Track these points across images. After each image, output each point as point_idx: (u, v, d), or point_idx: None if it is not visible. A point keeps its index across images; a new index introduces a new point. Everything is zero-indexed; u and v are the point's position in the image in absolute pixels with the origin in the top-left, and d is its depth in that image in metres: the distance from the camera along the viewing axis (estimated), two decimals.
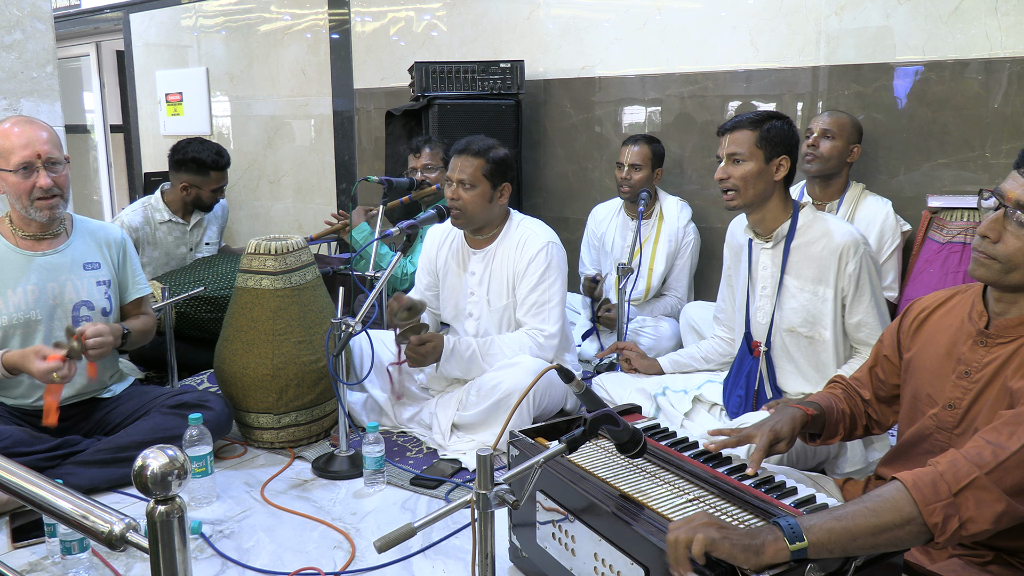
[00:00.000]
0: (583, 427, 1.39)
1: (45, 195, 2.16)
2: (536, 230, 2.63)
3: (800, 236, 2.17)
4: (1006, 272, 1.39)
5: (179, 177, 3.47)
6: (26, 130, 2.14)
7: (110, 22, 6.29)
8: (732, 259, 2.43)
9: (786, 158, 2.14)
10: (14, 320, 2.18)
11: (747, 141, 2.13)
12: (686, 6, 3.57)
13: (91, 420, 2.34)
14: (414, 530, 1.22)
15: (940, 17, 2.96)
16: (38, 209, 2.18)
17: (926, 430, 1.55)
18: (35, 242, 2.25)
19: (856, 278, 2.10)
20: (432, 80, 3.74)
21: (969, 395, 1.47)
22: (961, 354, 1.50)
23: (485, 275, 2.65)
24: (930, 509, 1.21)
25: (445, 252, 2.76)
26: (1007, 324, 1.43)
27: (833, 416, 1.73)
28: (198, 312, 3.10)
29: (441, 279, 2.79)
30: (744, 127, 2.14)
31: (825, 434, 1.75)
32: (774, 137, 2.12)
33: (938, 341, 1.57)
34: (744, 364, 2.31)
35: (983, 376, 1.45)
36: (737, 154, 2.13)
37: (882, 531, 1.21)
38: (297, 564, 1.85)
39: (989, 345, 1.46)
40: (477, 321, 2.69)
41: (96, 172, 7.23)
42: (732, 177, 2.14)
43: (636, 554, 1.33)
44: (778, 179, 2.15)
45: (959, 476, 1.23)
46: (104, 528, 1.00)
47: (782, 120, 2.16)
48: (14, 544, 1.93)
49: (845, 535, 1.20)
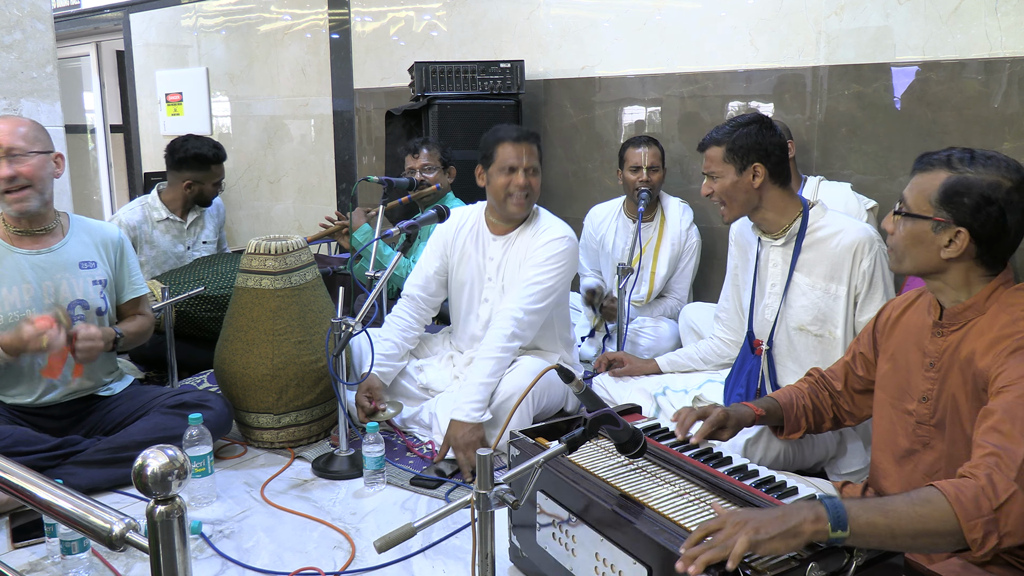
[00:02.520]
0: (583, 427, 1.39)
1: (11, 187, 2.15)
2: (557, 225, 2.65)
3: (812, 233, 2.17)
4: (899, 261, 1.57)
5: (181, 176, 3.47)
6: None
7: (110, 22, 6.29)
8: (740, 257, 2.42)
9: (759, 164, 2.13)
10: (8, 318, 2.18)
11: (717, 157, 2.18)
12: (686, 6, 3.57)
13: (91, 419, 2.34)
14: (414, 530, 1.22)
15: (940, 17, 2.96)
16: (7, 203, 2.17)
17: (908, 427, 1.60)
18: (31, 240, 2.25)
19: (870, 275, 2.10)
20: (432, 80, 3.74)
21: (937, 385, 1.54)
22: (925, 347, 1.58)
23: (503, 261, 2.65)
24: (971, 524, 1.22)
25: (464, 236, 2.74)
26: (955, 311, 1.53)
27: (792, 411, 1.85)
28: (198, 311, 3.10)
29: (455, 263, 2.76)
30: (713, 143, 2.19)
31: (786, 428, 1.86)
32: (742, 147, 2.13)
33: (910, 336, 1.64)
34: (746, 362, 2.30)
35: (943, 364, 1.53)
36: (712, 171, 2.19)
37: (923, 536, 1.22)
38: (297, 564, 1.85)
39: (944, 334, 1.54)
40: (491, 306, 2.67)
41: (96, 172, 7.23)
42: (714, 192, 2.20)
43: (639, 553, 1.33)
44: (756, 186, 2.15)
45: (1000, 492, 1.24)
46: (104, 528, 1.00)
47: (752, 125, 2.15)
48: (14, 544, 1.93)
49: (887, 532, 1.21)
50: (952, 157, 1.48)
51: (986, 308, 1.49)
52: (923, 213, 1.49)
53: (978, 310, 1.50)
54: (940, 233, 1.48)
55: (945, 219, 1.47)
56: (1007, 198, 1.43)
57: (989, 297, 1.49)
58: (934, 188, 1.48)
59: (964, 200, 1.44)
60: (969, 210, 1.44)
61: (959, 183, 1.45)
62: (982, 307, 1.49)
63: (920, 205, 1.50)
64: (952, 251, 1.47)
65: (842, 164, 3.25)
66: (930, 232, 1.49)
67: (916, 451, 1.59)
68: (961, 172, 1.46)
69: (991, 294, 1.49)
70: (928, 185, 1.49)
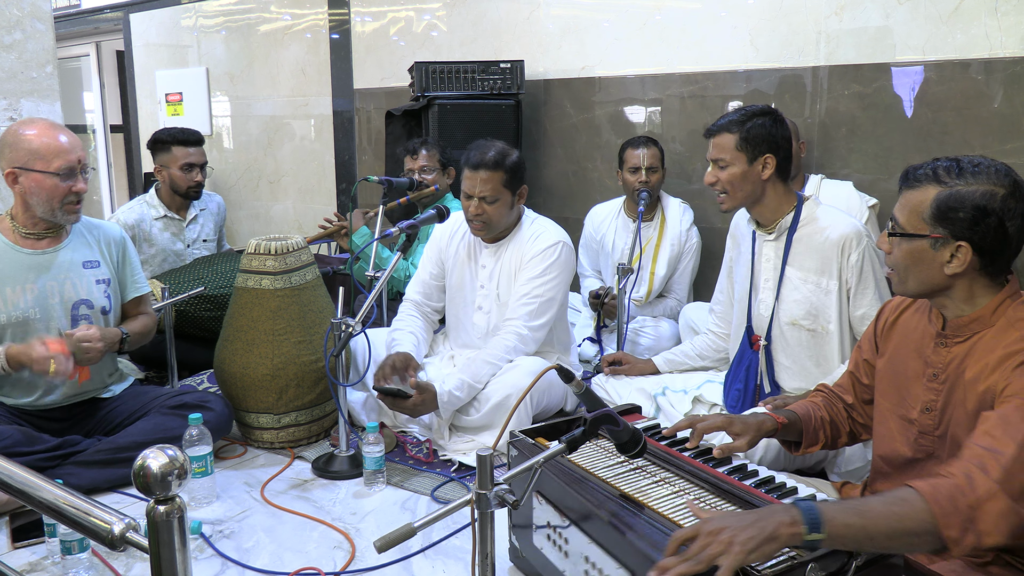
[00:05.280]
0: (583, 427, 1.38)
1: (77, 199, 2.21)
2: (549, 228, 2.64)
3: (803, 227, 2.17)
4: (902, 282, 1.51)
5: (154, 167, 3.51)
6: (66, 135, 2.20)
7: (110, 22, 6.29)
8: (735, 249, 2.43)
9: (771, 156, 2.13)
10: (12, 318, 2.18)
11: (729, 145, 2.14)
12: (686, 6, 3.57)
13: (91, 420, 2.34)
14: (414, 530, 1.22)
15: (940, 17, 2.96)
16: (67, 212, 2.22)
17: (910, 435, 1.56)
18: (35, 240, 2.25)
19: (859, 269, 2.10)
20: (432, 80, 3.74)
21: (941, 396, 1.50)
22: (927, 356, 1.54)
23: (496, 268, 2.65)
24: (947, 522, 1.21)
25: (457, 243, 2.75)
26: (960, 324, 1.48)
27: (811, 424, 1.75)
28: (198, 310, 3.10)
29: (449, 270, 2.78)
30: (725, 130, 2.15)
31: (805, 442, 1.76)
32: (755, 137, 2.12)
33: (909, 341, 1.60)
34: (744, 358, 2.31)
35: (948, 376, 1.49)
36: (721, 159, 2.15)
37: (900, 535, 1.21)
38: (297, 564, 1.85)
39: (948, 345, 1.50)
40: (487, 315, 2.68)
41: (96, 172, 7.23)
42: (719, 181, 2.16)
43: (624, 558, 1.32)
44: (765, 178, 2.14)
45: (977, 490, 1.23)
46: (104, 528, 1.00)
47: (766, 116, 2.14)
48: (14, 544, 1.93)
49: (863, 533, 1.20)
50: (938, 170, 1.44)
51: (993, 321, 1.44)
52: (918, 231, 1.45)
53: (984, 323, 1.45)
54: (940, 250, 1.43)
55: (943, 235, 1.42)
56: (1004, 206, 1.39)
57: (996, 310, 1.45)
58: (926, 205, 1.43)
59: (959, 214, 1.40)
60: (967, 223, 1.40)
61: (951, 197, 1.41)
62: (988, 320, 1.45)
63: (914, 223, 1.46)
64: (956, 266, 1.42)
65: (842, 164, 3.25)
66: (929, 250, 1.44)
67: (919, 460, 1.56)
68: (951, 186, 1.41)
69: (998, 307, 1.45)
70: (918, 202, 1.45)
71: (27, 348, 2.08)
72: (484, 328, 2.69)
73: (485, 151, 2.53)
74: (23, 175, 2.15)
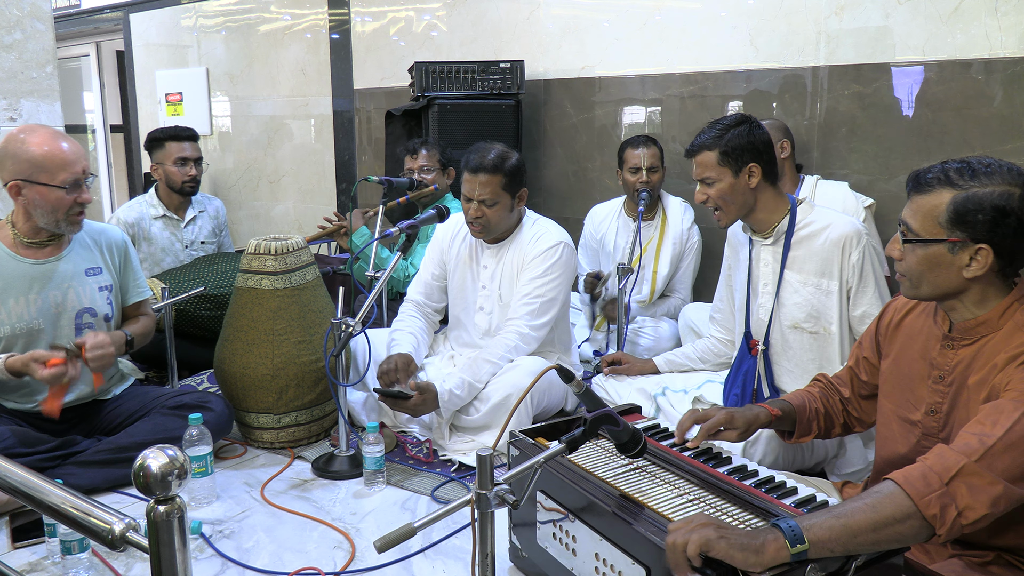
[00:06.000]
0: (583, 427, 1.38)
1: (81, 210, 2.18)
2: (551, 229, 2.64)
3: (800, 230, 2.17)
4: (915, 287, 1.49)
5: (151, 165, 3.52)
6: (70, 143, 2.15)
7: (110, 22, 6.29)
8: (733, 257, 2.43)
9: (755, 165, 2.12)
10: (16, 330, 2.17)
11: (711, 162, 2.14)
12: (686, 6, 3.57)
13: (92, 421, 2.34)
14: (414, 530, 1.22)
15: (940, 17, 2.96)
16: (71, 223, 2.18)
17: (912, 437, 1.56)
18: (37, 249, 2.22)
19: (860, 268, 2.10)
20: (432, 80, 3.74)
21: (947, 399, 1.50)
22: (933, 358, 1.53)
23: (498, 269, 2.66)
24: (925, 501, 1.22)
25: (458, 244, 2.75)
26: (967, 326, 1.47)
27: (805, 414, 1.78)
28: (198, 310, 3.10)
29: (450, 270, 2.78)
30: (704, 148, 2.15)
31: (797, 431, 1.79)
32: (736, 148, 2.11)
33: (914, 342, 1.60)
34: (743, 363, 2.31)
35: (954, 379, 1.49)
36: (707, 177, 2.15)
37: (883, 526, 1.22)
38: (297, 564, 1.85)
39: (955, 348, 1.50)
40: (489, 315, 2.68)
41: (96, 172, 7.23)
42: (710, 198, 2.17)
43: (637, 554, 1.33)
44: (753, 186, 2.14)
45: (948, 466, 1.25)
46: (104, 528, 1.00)
47: (742, 126, 2.13)
48: (14, 544, 1.93)
49: (845, 532, 1.21)
50: (950, 172, 1.41)
51: (1000, 325, 1.43)
52: (935, 236, 1.41)
53: (991, 326, 1.44)
54: (959, 253, 1.41)
55: (961, 238, 1.39)
56: (1021, 206, 1.37)
57: (1004, 313, 1.43)
58: (941, 209, 1.40)
59: (979, 217, 1.37)
60: (987, 225, 1.37)
61: (969, 200, 1.38)
62: (996, 323, 1.44)
63: (929, 228, 1.42)
64: (975, 269, 1.40)
65: (842, 164, 3.25)
66: (947, 254, 1.41)
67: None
68: (966, 188, 1.38)
69: (1006, 310, 1.43)
70: (932, 206, 1.41)
71: (28, 369, 2.05)
72: (485, 328, 2.69)
73: (484, 154, 2.53)
74: (27, 187, 2.10)
